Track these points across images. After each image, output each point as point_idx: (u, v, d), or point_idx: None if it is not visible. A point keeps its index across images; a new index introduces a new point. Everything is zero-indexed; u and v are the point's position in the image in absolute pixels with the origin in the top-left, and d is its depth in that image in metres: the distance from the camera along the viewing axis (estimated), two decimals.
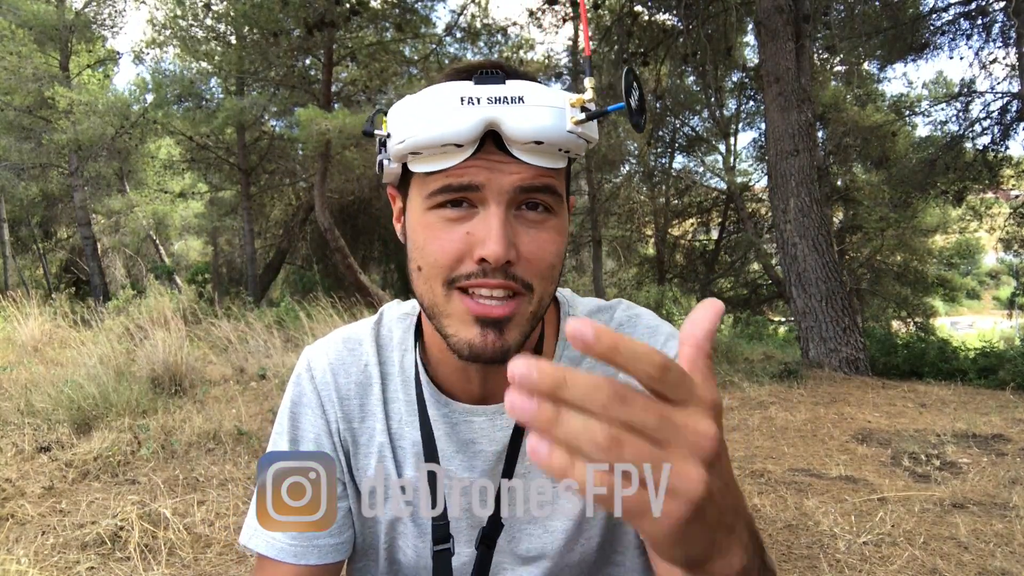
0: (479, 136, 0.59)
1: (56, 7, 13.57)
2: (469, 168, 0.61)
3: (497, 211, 0.61)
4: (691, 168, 16.70)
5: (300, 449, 0.77)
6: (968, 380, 6.18)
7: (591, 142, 0.63)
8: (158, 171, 17.14)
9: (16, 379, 4.93)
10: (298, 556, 0.75)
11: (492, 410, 0.75)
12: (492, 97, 0.59)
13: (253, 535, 0.76)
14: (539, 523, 0.78)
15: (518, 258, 0.62)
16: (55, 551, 2.44)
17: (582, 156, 0.64)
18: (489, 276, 0.61)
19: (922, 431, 4.14)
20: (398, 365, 0.78)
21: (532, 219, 0.63)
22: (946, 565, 2.31)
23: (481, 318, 0.62)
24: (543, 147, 0.60)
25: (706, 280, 15.57)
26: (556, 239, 0.64)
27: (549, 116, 0.59)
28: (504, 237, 0.60)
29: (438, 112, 0.59)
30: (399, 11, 10.53)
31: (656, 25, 10.40)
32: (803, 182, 6.97)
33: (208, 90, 11.96)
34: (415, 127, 0.61)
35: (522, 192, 0.62)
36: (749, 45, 13.71)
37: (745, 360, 7.18)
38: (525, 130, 0.58)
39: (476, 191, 0.61)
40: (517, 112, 0.58)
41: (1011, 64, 9.88)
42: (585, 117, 0.59)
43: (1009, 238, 12.47)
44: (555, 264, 0.65)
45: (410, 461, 0.77)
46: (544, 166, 0.61)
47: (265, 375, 5.45)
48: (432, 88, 0.61)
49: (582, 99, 0.60)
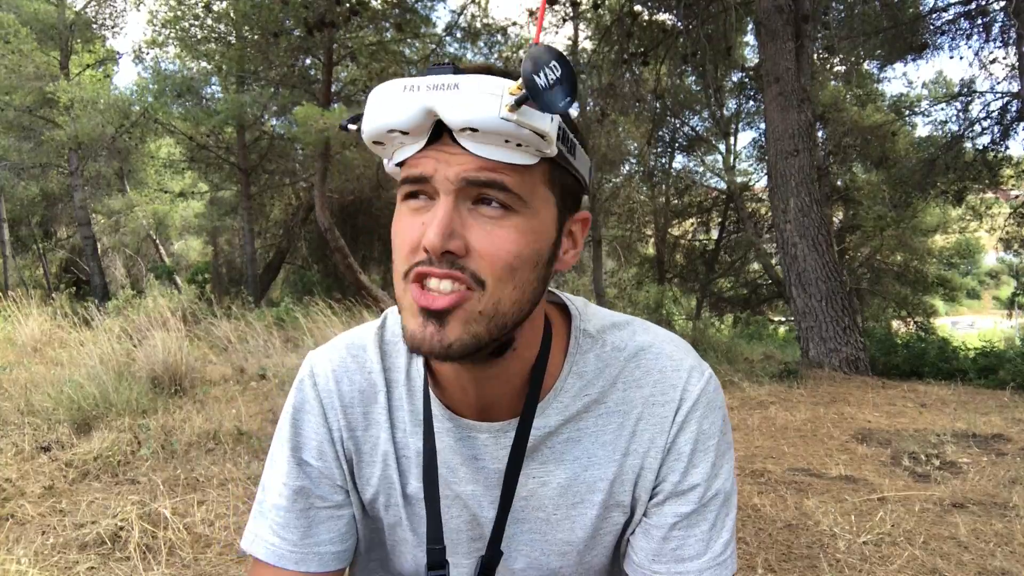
0: (421, 123, 0.59)
1: (56, 7, 13.58)
2: (421, 158, 0.61)
3: (444, 201, 0.60)
4: (691, 168, 16.72)
5: (302, 456, 0.76)
6: (968, 380, 6.18)
7: (540, 133, 0.59)
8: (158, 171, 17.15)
9: (16, 379, 4.93)
10: (299, 563, 0.74)
11: (496, 428, 0.73)
12: (431, 85, 0.58)
13: (254, 540, 0.76)
14: (537, 546, 0.76)
15: (467, 251, 0.60)
16: (55, 551, 2.44)
17: (544, 151, 0.60)
18: (434, 265, 0.60)
19: (922, 431, 4.15)
20: (404, 372, 0.77)
21: (487, 215, 0.61)
22: (946, 565, 2.31)
23: (423, 308, 0.60)
24: (481, 135, 0.58)
25: (706, 280, 15.57)
26: (515, 238, 0.61)
27: (481, 102, 0.57)
28: (443, 226, 0.58)
29: (384, 100, 0.60)
30: (399, 11, 10.53)
31: (656, 25, 10.40)
32: (803, 182, 6.97)
33: (208, 89, 11.98)
34: (368, 116, 0.62)
35: (471, 185, 0.60)
36: (749, 45, 13.72)
37: (745, 360, 7.18)
38: (457, 116, 0.58)
39: (427, 182, 0.61)
40: (450, 97, 0.58)
41: (1011, 64, 9.87)
42: (514, 102, 0.57)
43: (1009, 238, 12.48)
44: (514, 265, 0.61)
45: (414, 471, 0.75)
46: (491, 158, 0.59)
47: (265, 375, 5.45)
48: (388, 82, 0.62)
49: (518, 86, 0.57)
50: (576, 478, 0.74)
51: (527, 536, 0.76)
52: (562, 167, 0.65)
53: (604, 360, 0.75)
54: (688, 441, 0.73)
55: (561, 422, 0.73)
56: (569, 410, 0.73)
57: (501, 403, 0.72)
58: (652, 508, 0.74)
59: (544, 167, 0.63)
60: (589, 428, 0.74)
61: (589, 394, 0.74)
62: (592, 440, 0.74)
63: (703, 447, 0.73)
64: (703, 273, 15.74)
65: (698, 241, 16.66)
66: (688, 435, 0.73)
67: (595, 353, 0.75)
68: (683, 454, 0.73)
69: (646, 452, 0.73)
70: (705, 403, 0.74)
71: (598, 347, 0.75)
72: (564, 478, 0.74)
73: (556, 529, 0.75)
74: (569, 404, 0.73)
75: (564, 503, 0.74)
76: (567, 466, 0.74)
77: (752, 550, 2.47)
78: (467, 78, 0.58)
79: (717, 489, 0.73)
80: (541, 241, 0.63)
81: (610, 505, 0.75)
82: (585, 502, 0.74)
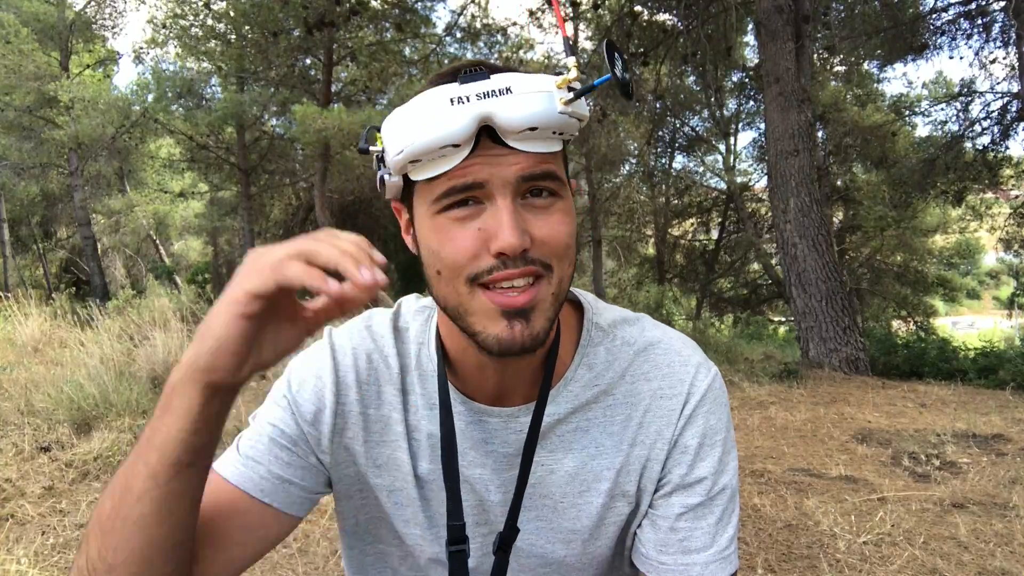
0: (474, 133, 0.60)
1: (56, 7, 13.58)
2: (470, 167, 0.61)
3: (504, 203, 0.61)
4: (691, 168, 16.72)
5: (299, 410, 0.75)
6: (968, 380, 6.18)
7: (583, 120, 0.64)
8: (158, 171, 17.16)
9: (16, 379, 4.93)
10: (264, 492, 0.72)
11: (507, 412, 0.75)
12: (480, 93, 0.59)
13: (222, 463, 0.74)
14: (542, 534, 0.77)
15: (533, 243, 0.62)
16: (55, 551, 2.45)
17: (574, 135, 0.65)
18: (510, 267, 0.62)
19: (922, 431, 4.14)
20: (415, 358, 0.78)
21: (539, 205, 0.64)
22: (946, 565, 2.31)
23: (506, 310, 0.62)
24: (538, 132, 0.61)
25: (706, 280, 15.57)
26: (566, 220, 0.65)
27: (539, 101, 0.60)
28: (516, 227, 0.61)
29: (430, 117, 0.60)
30: (399, 11, 10.53)
31: (656, 25, 10.39)
32: (803, 182, 6.97)
33: (208, 89, 11.97)
34: (410, 135, 0.61)
35: (525, 181, 0.62)
36: (749, 45, 13.71)
37: (745, 360, 7.18)
38: (518, 119, 0.59)
39: (481, 188, 0.62)
40: (507, 103, 0.59)
41: (1011, 64, 9.88)
42: (573, 96, 0.60)
43: (1009, 238, 12.48)
44: (569, 244, 0.66)
45: (425, 454, 0.77)
46: (541, 151, 0.62)
47: (265, 375, 5.45)
48: (420, 95, 0.62)
49: (567, 79, 0.60)
50: (584, 466, 0.76)
51: (533, 524, 0.77)
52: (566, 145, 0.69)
53: (614, 353, 0.77)
54: (695, 435, 0.75)
55: (570, 410, 0.75)
56: (579, 399, 0.75)
57: (516, 389, 0.75)
58: (659, 500, 0.76)
59: (561, 149, 0.66)
60: (597, 418, 0.76)
61: (598, 385, 0.76)
62: (600, 430, 0.76)
63: (710, 441, 0.75)
64: (703, 273, 15.73)
65: (698, 241, 16.66)
66: (695, 429, 0.75)
67: (605, 346, 0.78)
68: (690, 448, 0.75)
69: (652, 443, 0.75)
70: (712, 399, 0.76)
71: (608, 340, 0.78)
72: (572, 466, 0.76)
73: (562, 517, 0.77)
74: (579, 394, 0.75)
75: (571, 491, 0.76)
76: (575, 454, 0.76)
77: (752, 550, 2.47)
78: (516, 79, 0.60)
79: (724, 484, 0.75)
80: (575, 216, 0.68)
81: (615, 495, 0.76)
82: (591, 490, 0.76)
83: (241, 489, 0.72)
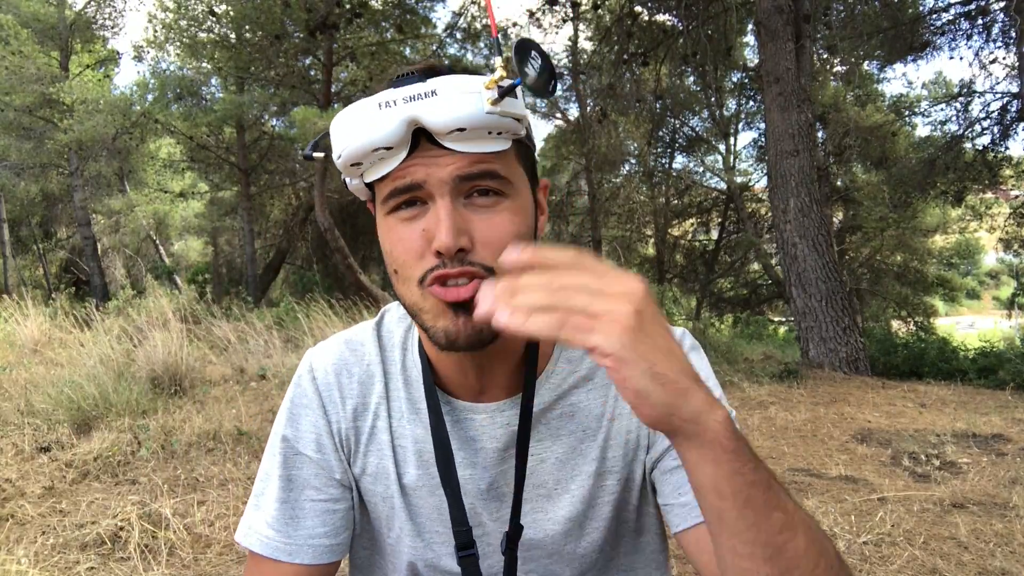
0: (404, 136, 0.61)
1: (56, 7, 13.57)
2: (408, 168, 0.63)
3: (443, 203, 0.62)
4: (691, 168, 16.71)
5: (299, 449, 0.78)
6: (968, 380, 6.18)
7: (520, 119, 0.64)
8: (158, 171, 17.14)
9: (16, 379, 4.93)
10: (292, 555, 0.75)
11: (492, 407, 0.76)
12: (407, 96, 0.61)
13: (248, 533, 0.77)
14: (540, 524, 0.78)
15: (473, 244, 0.63)
16: (55, 551, 2.44)
17: (519, 133, 0.65)
18: (448, 266, 0.62)
19: (922, 431, 4.14)
20: (399, 364, 0.79)
21: (482, 204, 0.64)
22: (946, 565, 2.31)
23: (452, 303, 0.63)
24: (468, 133, 0.61)
25: (706, 280, 15.57)
26: (512, 219, 0.65)
27: (464, 102, 0.60)
28: (451, 227, 0.61)
29: (360, 121, 0.62)
30: (399, 12, 10.53)
31: (656, 25, 10.39)
32: (803, 182, 6.97)
33: (208, 89, 11.97)
34: (346, 139, 0.64)
35: (463, 181, 0.63)
36: (749, 45, 13.70)
37: (745, 360, 7.18)
38: (444, 121, 0.60)
39: (420, 188, 0.63)
40: (432, 105, 0.60)
41: (1011, 64, 9.88)
42: (497, 95, 0.60)
43: (1009, 238, 12.47)
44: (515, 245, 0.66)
45: (411, 459, 0.77)
46: (479, 151, 0.62)
47: (265, 375, 5.45)
48: (358, 101, 0.64)
49: (494, 79, 0.61)
50: (572, 450, 0.77)
51: (531, 516, 0.77)
52: (524, 144, 0.69)
53: None
54: None
55: (554, 398, 0.77)
56: (561, 388, 0.77)
57: (498, 383, 0.75)
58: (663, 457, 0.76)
59: (513, 148, 0.66)
60: (581, 402, 0.77)
61: (578, 372, 0.78)
62: (586, 414, 0.77)
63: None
64: (703, 273, 15.73)
65: (698, 241, 16.65)
66: None
67: None
68: None
69: (631, 413, 0.76)
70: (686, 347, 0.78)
71: None
72: (561, 452, 0.77)
73: (557, 505, 0.77)
74: (560, 383, 0.77)
75: (563, 476, 0.77)
76: (563, 440, 0.77)
77: None
78: (443, 82, 0.61)
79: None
80: (529, 217, 0.68)
81: (602, 472, 0.77)
82: (581, 473, 0.77)
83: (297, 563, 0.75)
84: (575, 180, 15.25)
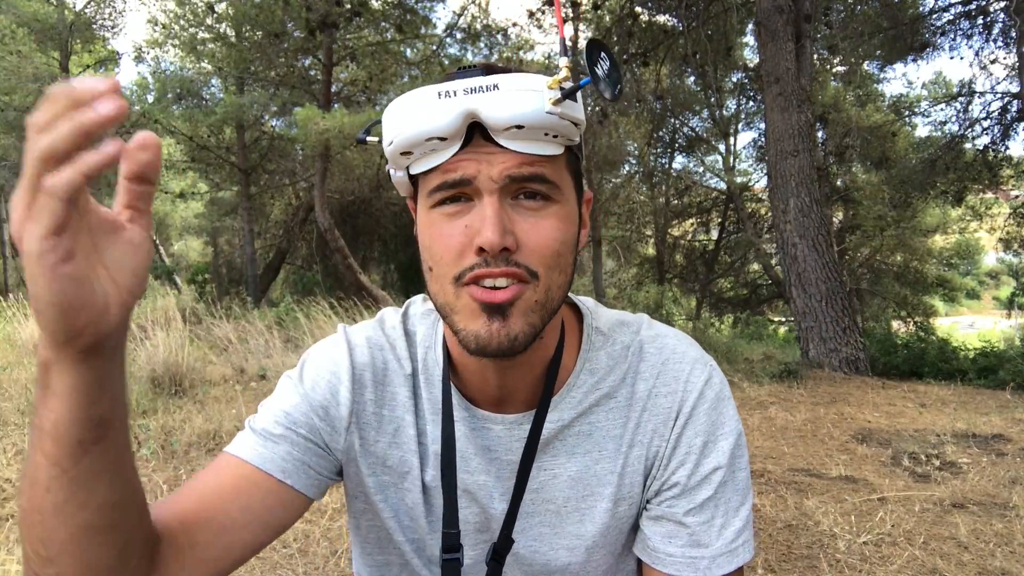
0: (460, 127, 0.60)
1: (56, 7, 13.57)
2: (459, 162, 0.62)
3: (490, 200, 0.61)
4: (691, 168, 16.72)
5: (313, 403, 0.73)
6: (968, 380, 6.18)
7: (578, 123, 0.63)
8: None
9: (16, 379, 4.93)
10: (285, 472, 0.69)
11: (511, 420, 0.74)
12: (468, 88, 0.60)
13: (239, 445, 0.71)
14: (546, 540, 0.77)
15: (518, 246, 0.62)
16: None
17: (573, 140, 0.64)
18: (491, 265, 0.61)
19: (922, 431, 4.14)
20: (423, 361, 0.78)
21: (530, 207, 0.63)
22: (946, 565, 2.31)
23: (485, 305, 0.62)
24: (525, 132, 0.60)
25: (706, 280, 15.57)
26: (558, 226, 0.64)
27: (525, 99, 0.59)
28: (498, 224, 0.60)
29: (418, 109, 0.61)
30: (399, 12, 10.53)
31: (656, 26, 10.40)
32: (803, 182, 6.97)
33: (208, 89, 11.97)
34: (399, 126, 0.62)
35: (514, 182, 0.62)
36: (749, 45, 13.70)
37: (745, 360, 7.18)
38: (503, 116, 0.59)
39: (468, 184, 0.62)
40: (493, 99, 0.59)
41: (1011, 64, 9.88)
42: (561, 95, 0.60)
43: (1009, 238, 12.48)
44: (560, 252, 0.64)
45: (432, 460, 0.76)
46: (531, 152, 0.61)
47: (265, 375, 5.45)
48: (416, 89, 0.63)
49: (558, 79, 0.60)
50: (587, 471, 0.75)
51: (536, 530, 0.76)
52: (575, 153, 0.68)
53: (614, 358, 0.77)
54: (699, 433, 0.73)
55: (575, 416, 0.75)
56: (582, 405, 0.75)
57: (518, 395, 0.74)
58: (667, 497, 0.74)
59: (565, 155, 0.65)
60: (600, 422, 0.75)
61: (600, 389, 0.75)
62: (603, 434, 0.75)
63: (714, 438, 0.73)
64: (703, 273, 15.73)
65: (698, 241, 16.65)
66: (697, 427, 0.73)
67: (606, 351, 0.77)
68: (694, 446, 0.73)
69: (650, 443, 0.74)
70: (713, 395, 0.74)
71: (609, 345, 0.77)
72: (575, 471, 0.75)
73: (565, 522, 0.76)
74: (582, 399, 0.75)
75: (574, 495, 0.75)
76: (578, 459, 0.75)
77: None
78: (505, 78, 0.60)
79: (733, 478, 0.73)
80: (573, 226, 0.67)
81: (619, 499, 0.75)
82: (595, 495, 0.75)
83: (262, 469, 0.69)
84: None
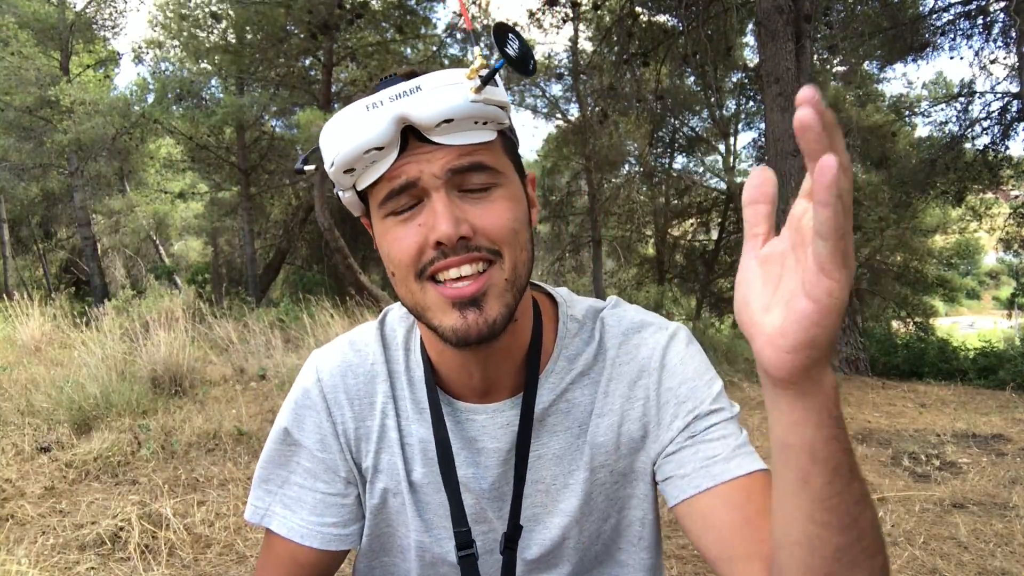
0: (394, 134, 0.62)
1: (56, 7, 13.56)
2: (401, 167, 0.64)
3: (438, 196, 0.64)
4: (691, 168, 16.70)
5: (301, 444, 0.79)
6: (968, 380, 6.18)
7: (504, 106, 0.65)
8: (158, 171, 17.14)
9: (16, 379, 4.93)
10: (304, 537, 0.77)
11: (492, 408, 0.76)
12: (393, 95, 0.62)
13: (266, 514, 0.79)
14: (541, 519, 0.78)
15: (474, 232, 0.64)
16: (55, 551, 2.44)
17: (504, 123, 0.66)
18: (451, 256, 0.63)
19: (922, 431, 4.14)
20: (403, 364, 0.80)
21: (476, 196, 0.66)
22: (946, 565, 2.31)
23: (456, 301, 0.64)
24: (456, 124, 0.63)
25: (706, 280, 15.56)
26: (508, 206, 0.66)
27: (449, 94, 0.62)
28: (450, 216, 0.62)
29: (351, 125, 0.63)
30: (400, 12, 10.53)
31: (656, 26, 10.39)
32: (803, 182, 6.97)
33: (208, 90, 11.96)
34: (337, 145, 0.64)
35: (456, 174, 0.64)
36: (749, 45, 13.69)
37: (745, 360, 7.18)
38: (431, 113, 0.62)
39: (415, 186, 0.64)
40: (418, 100, 0.62)
41: (1011, 64, 9.87)
42: (480, 83, 0.62)
43: (1009, 238, 12.47)
44: (516, 229, 0.66)
45: (418, 458, 0.78)
46: (466, 143, 0.64)
47: (265, 375, 5.45)
48: (344, 108, 0.65)
49: (475, 68, 0.62)
50: (569, 446, 0.78)
51: (530, 511, 0.78)
52: (509, 137, 0.70)
53: (586, 341, 0.80)
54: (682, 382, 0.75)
55: (554, 398, 0.77)
56: (559, 386, 0.77)
57: (501, 383, 0.76)
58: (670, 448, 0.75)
59: (499, 139, 0.68)
60: (576, 399, 0.78)
61: (575, 368, 0.78)
62: (580, 409, 0.78)
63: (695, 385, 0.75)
64: (703, 273, 15.72)
65: (698, 241, 16.64)
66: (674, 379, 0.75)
67: (581, 337, 0.80)
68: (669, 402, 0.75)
69: (622, 409, 0.77)
70: (676, 351, 0.77)
71: (584, 331, 0.80)
72: (558, 448, 0.77)
73: (555, 499, 0.78)
74: (558, 382, 0.77)
75: (560, 471, 0.78)
76: (560, 436, 0.77)
77: None
78: (426, 78, 0.63)
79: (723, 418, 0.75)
80: (523, 204, 0.70)
81: (594, 467, 0.77)
82: (577, 467, 0.77)
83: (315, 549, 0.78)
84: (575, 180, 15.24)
